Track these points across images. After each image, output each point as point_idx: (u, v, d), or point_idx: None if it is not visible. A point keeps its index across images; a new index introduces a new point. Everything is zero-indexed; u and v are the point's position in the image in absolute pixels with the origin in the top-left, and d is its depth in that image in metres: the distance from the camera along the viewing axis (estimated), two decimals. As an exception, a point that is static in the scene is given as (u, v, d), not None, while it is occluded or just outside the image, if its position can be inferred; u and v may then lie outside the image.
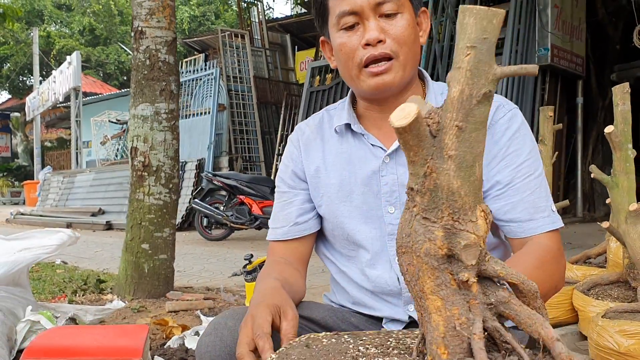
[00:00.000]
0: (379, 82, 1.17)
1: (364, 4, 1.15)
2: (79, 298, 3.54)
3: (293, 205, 1.32)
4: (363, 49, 1.16)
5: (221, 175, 7.92)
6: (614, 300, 2.27)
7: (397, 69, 1.17)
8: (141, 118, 3.53)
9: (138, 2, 3.54)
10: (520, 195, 1.14)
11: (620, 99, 2.00)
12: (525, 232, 1.14)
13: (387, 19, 1.16)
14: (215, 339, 1.05)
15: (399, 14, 1.16)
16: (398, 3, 1.16)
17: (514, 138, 1.16)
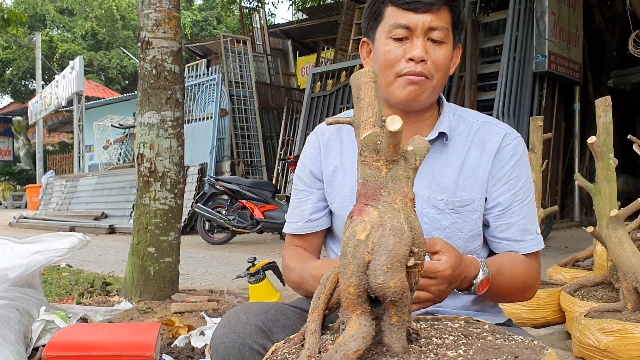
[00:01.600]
0: (411, 91, 1.28)
1: (419, 24, 1.26)
2: (86, 300, 3.65)
3: (308, 203, 1.43)
4: (406, 62, 1.27)
5: (223, 180, 8.03)
6: (599, 300, 2.39)
7: (429, 88, 1.30)
8: (147, 125, 3.65)
9: (145, 14, 3.66)
10: (516, 218, 1.31)
11: (602, 111, 2.12)
12: (515, 251, 1.32)
13: (433, 44, 1.28)
14: (229, 331, 1.15)
15: (443, 43, 1.29)
16: (446, 34, 1.29)
17: (517, 165, 1.33)
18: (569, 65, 9.34)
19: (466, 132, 1.35)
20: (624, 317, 2.01)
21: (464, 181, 1.31)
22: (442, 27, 1.27)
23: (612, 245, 2.05)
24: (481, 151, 1.32)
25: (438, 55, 1.28)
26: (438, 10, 1.27)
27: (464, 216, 1.30)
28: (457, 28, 1.32)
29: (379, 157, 0.79)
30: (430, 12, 1.26)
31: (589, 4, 9.90)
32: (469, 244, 1.32)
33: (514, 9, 8.85)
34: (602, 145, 2.10)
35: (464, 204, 1.30)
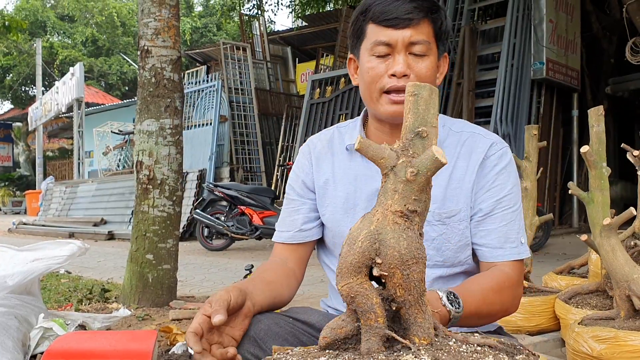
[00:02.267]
0: (396, 109, 1.30)
1: (399, 40, 1.28)
2: (85, 307, 3.66)
3: (299, 213, 1.45)
4: (388, 77, 1.29)
5: (222, 186, 8.05)
6: (593, 308, 2.41)
7: None
8: (146, 133, 3.68)
9: (144, 23, 3.69)
10: (497, 224, 1.31)
11: (595, 121, 2.15)
12: (494, 258, 1.31)
13: (415, 57, 1.30)
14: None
15: (425, 55, 1.31)
16: (427, 46, 1.30)
17: (501, 173, 1.33)
18: (567, 72, 9.37)
19: (454, 144, 1.36)
20: (617, 325, 2.03)
21: (452, 192, 1.33)
22: (422, 41, 1.29)
23: (605, 254, 2.07)
24: (467, 161, 1.34)
25: (420, 68, 1.30)
26: (418, 24, 1.28)
27: (451, 227, 1.31)
28: (440, 39, 1.33)
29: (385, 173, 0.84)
30: (409, 27, 1.28)
31: (587, 12, 9.95)
32: (458, 254, 1.34)
33: (512, 16, 8.89)
34: (595, 154, 2.13)
35: (450, 214, 1.31)
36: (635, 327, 1.99)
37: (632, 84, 10.16)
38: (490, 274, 1.27)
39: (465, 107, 8.89)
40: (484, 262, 1.32)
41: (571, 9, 9.50)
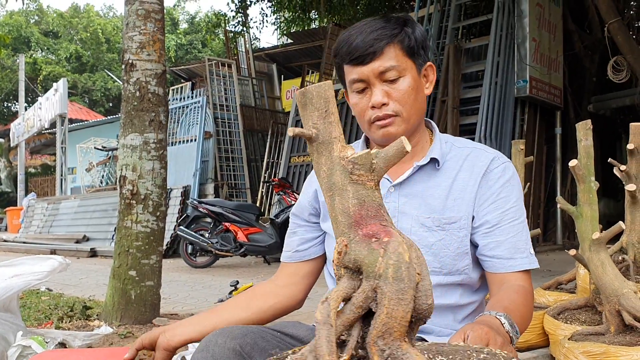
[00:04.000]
0: (385, 133, 1.36)
1: (369, 74, 1.33)
2: (66, 324, 3.58)
3: (296, 235, 1.54)
4: (371, 109, 1.35)
5: (206, 202, 7.98)
6: (582, 323, 2.39)
7: (400, 123, 1.36)
8: (130, 147, 3.63)
9: (129, 36, 3.67)
10: (505, 235, 1.32)
11: (583, 135, 2.15)
12: (505, 269, 1.31)
13: (390, 84, 1.34)
14: (207, 355, 1.15)
15: (400, 77, 1.34)
16: (399, 69, 1.33)
17: (505, 186, 1.35)
18: (550, 90, 9.47)
19: (457, 158, 1.40)
20: (607, 340, 2.01)
21: (452, 202, 1.35)
22: (392, 67, 1.32)
23: (594, 268, 2.06)
24: (470, 173, 1.37)
25: (398, 92, 1.34)
26: (382, 52, 1.32)
27: (451, 233, 1.33)
28: (413, 54, 1.35)
29: (372, 177, 0.78)
30: (375, 59, 1.32)
31: (569, 31, 10.10)
32: (456, 262, 1.34)
33: (496, 35, 8.99)
34: (583, 168, 2.12)
35: (450, 221, 1.33)
36: (626, 342, 1.98)
37: (613, 102, 10.29)
38: (514, 289, 1.28)
39: (449, 124, 8.93)
40: (495, 273, 1.33)
41: (554, 28, 9.63)
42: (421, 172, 1.39)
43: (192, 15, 32.80)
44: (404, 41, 1.33)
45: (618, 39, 7.48)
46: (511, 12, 9.12)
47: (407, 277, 0.71)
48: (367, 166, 0.77)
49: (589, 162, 2.13)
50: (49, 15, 30.45)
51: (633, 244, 2.62)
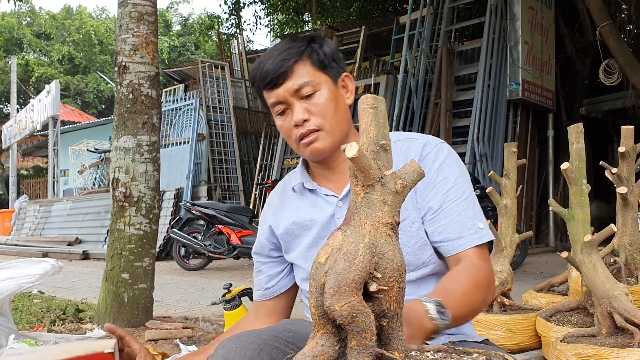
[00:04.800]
0: (313, 149, 1.37)
1: (285, 94, 1.35)
2: (58, 327, 3.57)
3: (262, 273, 1.56)
4: (295, 128, 1.37)
5: (200, 205, 7.97)
6: (574, 325, 2.40)
7: (325, 136, 1.37)
8: (123, 150, 3.62)
9: (122, 38, 3.66)
10: (450, 217, 1.31)
11: (575, 138, 2.16)
12: (456, 249, 1.30)
13: (308, 99, 1.36)
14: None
15: (316, 92, 1.36)
16: (313, 84, 1.35)
17: (441, 168, 1.34)
18: (542, 93, 9.52)
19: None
20: (599, 342, 2.02)
21: None
22: (304, 83, 1.34)
23: (586, 270, 2.07)
24: None
25: (316, 106, 1.35)
26: (293, 71, 1.35)
27: (404, 232, 1.32)
28: (325, 66, 1.37)
29: (357, 182, 0.80)
30: (288, 78, 1.35)
31: (561, 34, 10.15)
32: (419, 256, 1.33)
33: (488, 37, 9.03)
34: (575, 171, 2.14)
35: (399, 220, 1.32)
36: (617, 344, 1.99)
37: (605, 105, 10.35)
38: (464, 269, 1.25)
39: (442, 126, 8.96)
40: (449, 256, 1.32)
41: (546, 31, 9.68)
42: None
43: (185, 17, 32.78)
44: (312, 56, 1.35)
45: (609, 42, 7.53)
46: (504, 15, 9.17)
47: (312, 276, 0.79)
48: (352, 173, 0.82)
49: (581, 165, 2.15)
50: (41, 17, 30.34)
51: (624, 246, 2.64)
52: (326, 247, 0.79)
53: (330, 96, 1.36)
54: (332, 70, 1.38)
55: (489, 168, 8.37)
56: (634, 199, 2.55)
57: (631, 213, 2.57)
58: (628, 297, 2.04)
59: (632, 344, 1.93)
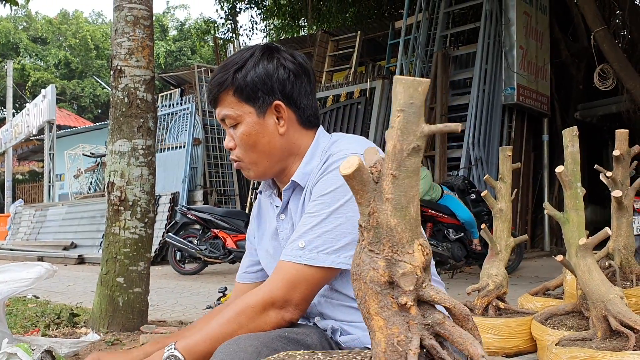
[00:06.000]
0: (245, 175, 1.43)
1: (218, 118, 1.40)
2: (53, 332, 3.55)
3: (247, 256, 1.58)
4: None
5: (195, 209, 7.95)
6: (569, 329, 2.40)
7: (249, 167, 1.40)
8: (118, 154, 3.62)
9: (118, 42, 3.66)
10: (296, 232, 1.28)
11: (570, 141, 2.16)
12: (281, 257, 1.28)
13: (233, 129, 1.38)
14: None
15: (238, 124, 1.36)
16: (234, 116, 1.35)
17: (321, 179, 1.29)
18: (537, 97, 9.55)
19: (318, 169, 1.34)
20: (594, 345, 2.02)
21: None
22: (225, 115, 1.36)
23: (581, 274, 2.07)
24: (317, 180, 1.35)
25: (237, 137, 1.37)
26: (220, 100, 1.37)
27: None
28: (250, 98, 1.34)
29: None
30: (218, 105, 1.37)
31: (556, 39, 10.19)
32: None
33: (483, 42, 9.06)
34: (570, 174, 2.14)
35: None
36: (612, 347, 1.99)
37: (600, 109, 10.39)
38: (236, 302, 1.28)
39: (438, 131, 8.96)
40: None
41: (540, 36, 9.72)
42: (295, 194, 1.38)
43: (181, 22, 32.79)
44: (234, 87, 1.34)
45: (604, 47, 7.56)
46: (499, 20, 9.21)
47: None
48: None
49: (575, 168, 2.15)
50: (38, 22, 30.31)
51: (619, 249, 2.65)
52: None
53: (249, 130, 1.35)
54: (257, 101, 1.35)
55: (484, 172, 8.39)
56: (629, 202, 2.56)
57: (626, 216, 2.58)
58: (623, 300, 2.05)
59: (627, 347, 1.93)
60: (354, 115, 10.07)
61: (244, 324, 1.22)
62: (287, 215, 1.40)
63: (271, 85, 1.35)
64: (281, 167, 1.40)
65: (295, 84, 1.38)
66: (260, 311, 1.23)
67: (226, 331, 1.21)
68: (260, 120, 1.35)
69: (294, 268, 1.22)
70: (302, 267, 1.21)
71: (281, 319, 1.23)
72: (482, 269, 2.90)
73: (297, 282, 1.22)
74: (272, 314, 1.23)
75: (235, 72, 1.34)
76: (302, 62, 1.41)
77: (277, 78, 1.35)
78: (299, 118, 1.40)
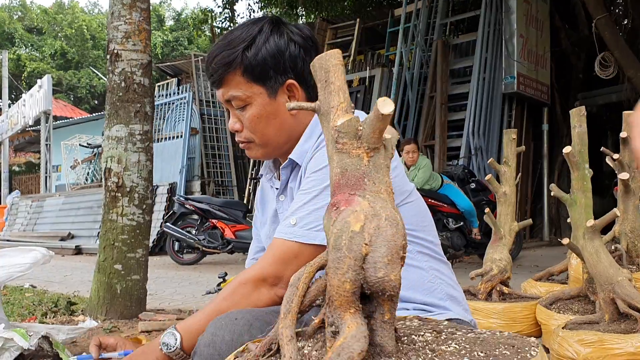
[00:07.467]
0: (249, 154, 1.39)
1: (222, 100, 1.33)
2: (50, 320, 3.51)
3: (254, 243, 1.56)
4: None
5: (193, 199, 7.91)
6: (575, 313, 2.37)
7: (257, 148, 1.35)
8: (115, 139, 3.56)
9: (114, 26, 3.59)
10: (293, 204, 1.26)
11: (577, 121, 2.12)
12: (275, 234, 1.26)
13: (241, 111, 1.31)
14: (214, 352, 1.08)
15: (247, 105, 1.29)
16: (243, 98, 1.29)
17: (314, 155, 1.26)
18: (537, 86, 9.50)
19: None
20: (602, 329, 1.99)
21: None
22: (232, 97, 1.30)
23: (588, 256, 2.03)
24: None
25: (246, 119, 1.32)
26: (225, 80, 1.29)
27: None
28: (260, 78, 1.28)
29: (360, 144, 0.74)
30: (222, 86, 1.31)
31: (556, 28, 10.13)
32: None
33: (484, 31, 9.00)
34: (577, 155, 2.10)
35: None
36: (620, 330, 1.95)
37: (600, 98, 10.34)
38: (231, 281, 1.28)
39: (437, 120, 8.93)
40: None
41: (541, 25, 9.66)
42: (294, 173, 1.34)
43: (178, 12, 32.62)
44: (244, 67, 1.27)
45: (605, 35, 7.51)
46: (499, 8, 9.14)
47: (347, 247, 0.68)
48: (351, 134, 0.74)
49: (583, 149, 2.11)
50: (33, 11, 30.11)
51: (626, 233, 2.61)
52: (355, 213, 0.70)
53: (260, 112, 1.30)
54: (269, 81, 1.29)
55: (484, 161, 8.35)
56: (636, 185, 2.52)
57: (632, 200, 2.54)
58: (631, 282, 2.01)
59: (636, 329, 1.90)
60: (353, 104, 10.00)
61: (238, 301, 1.21)
62: (288, 196, 1.37)
63: (283, 63, 1.29)
64: (289, 146, 1.35)
65: (306, 60, 1.32)
66: (253, 288, 1.22)
67: (221, 308, 1.20)
68: (271, 100, 1.30)
69: (285, 245, 1.21)
70: (293, 244, 1.20)
71: (274, 295, 1.22)
72: (486, 253, 2.87)
73: (288, 259, 1.21)
74: (264, 290, 1.22)
75: (244, 50, 1.27)
76: (310, 36, 1.36)
77: (289, 55, 1.29)
78: (308, 96, 1.35)
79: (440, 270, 1.33)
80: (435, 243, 1.35)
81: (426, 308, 1.27)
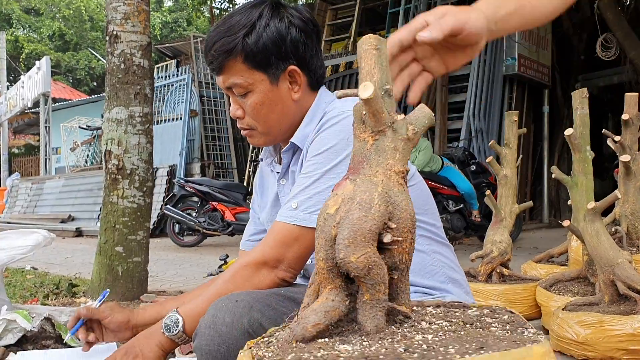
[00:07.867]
0: (250, 141, 1.39)
1: (222, 86, 1.32)
2: (52, 302, 3.53)
3: (250, 224, 1.56)
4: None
5: (193, 182, 7.91)
6: (575, 295, 2.38)
7: (259, 136, 1.35)
8: (115, 121, 3.56)
9: (113, 7, 3.57)
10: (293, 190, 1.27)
11: (579, 103, 2.11)
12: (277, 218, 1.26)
13: (242, 98, 1.30)
14: (214, 333, 1.09)
15: (248, 93, 1.28)
16: (244, 85, 1.28)
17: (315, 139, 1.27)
18: (538, 68, 9.46)
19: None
20: (602, 310, 2.00)
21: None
22: (233, 84, 1.29)
23: (589, 238, 2.04)
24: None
25: (247, 107, 1.31)
26: (224, 68, 1.28)
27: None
28: (262, 65, 1.27)
29: (365, 129, 0.75)
30: (222, 73, 1.30)
31: (557, 9, 10.04)
32: None
33: (485, 12, 8.92)
34: (578, 137, 2.09)
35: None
36: (620, 312, 1.97)
37: (601, 80, 10.31)
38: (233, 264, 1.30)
39: (438, 102, 8.90)
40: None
41: (542, 6, 9.57)
42: (296, 157, 1.35)
43: (177, -7, 32.32)
44: (245, 55, 1.26)
45: (608, 16, 7.46)
46: (500, -11, 9.04)
47: (320, 228, 0.74)
48: (358, 119, 0.76)
49: (585, 131, 2.10)
50: (30, -8, 29.84)
51: (626, 215, 2.61)
52: (335, 197, 0.74)
53: (263, 99, 1.29)
54: (271, 68, 1.27)
55: (484, 143, 8.34)
56: (637, 167, 2.52)
57: (633, 182, 2.54)
58: (631, 264, 2.02)
59: (636, 311, 1.91)
60: (353, 86, 9.96)
61: (239, 283, 1.23)
62: (289, 179, 1.37)
63: (285, 49, 1.27)
64: (291, 132, 1.35)
65: (307, 44, 1.31)
66: (254, 270, 1.23)
67: (222, 291, 1.21)
68: (273, 87, 1.29)
69: (285, 228, 1.22)
70: (294, 227, 1.22)
71: (275, 278, 1.24)
72: (486, 235, 2.87)
73: (289, 242, 1.22)
74: (265, 272, 1.23)
75: (245, 37, 1.25)
76: (310, 19, 1.34)
77: (290, 40, 1.28)
78: (309, 80, 1.34)
79: (443, 253, 1.33)
80: (438, 226, 1.35)
81: (427, 291, 1.28)
